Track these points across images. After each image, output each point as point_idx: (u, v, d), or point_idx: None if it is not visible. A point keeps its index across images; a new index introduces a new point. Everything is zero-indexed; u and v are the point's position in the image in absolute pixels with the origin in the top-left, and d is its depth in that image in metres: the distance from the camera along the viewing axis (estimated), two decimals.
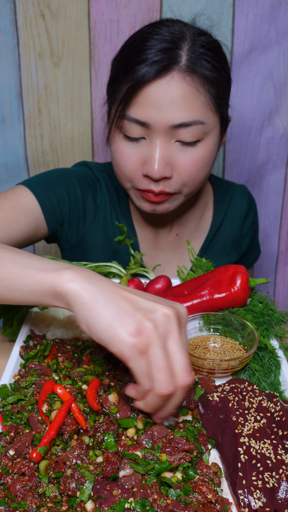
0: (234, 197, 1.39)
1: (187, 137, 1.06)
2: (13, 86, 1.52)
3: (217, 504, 0.67)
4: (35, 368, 0.90)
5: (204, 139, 1.09)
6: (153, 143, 1.07)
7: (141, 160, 1.10)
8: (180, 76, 1.04)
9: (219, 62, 1.09)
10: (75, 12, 1.45)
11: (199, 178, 1.13)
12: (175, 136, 1.07)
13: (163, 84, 1.04)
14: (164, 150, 1.07)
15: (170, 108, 1.04)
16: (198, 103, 1.06)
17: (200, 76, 1.05)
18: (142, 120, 1.05)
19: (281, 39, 1.50)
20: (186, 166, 1.09)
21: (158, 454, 0.73)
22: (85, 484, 0.69)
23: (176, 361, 0.71)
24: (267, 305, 1.06)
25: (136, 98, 1.05)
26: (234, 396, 0.82)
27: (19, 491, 0.69)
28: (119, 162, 1.13)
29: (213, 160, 1.15)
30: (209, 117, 1.08)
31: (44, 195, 1.18)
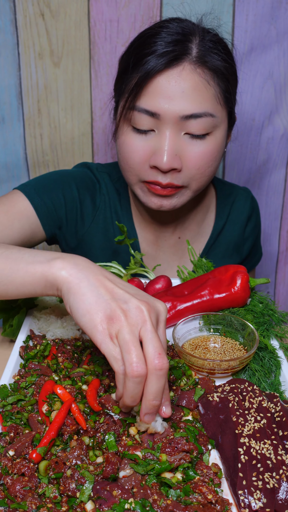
0: (237, 200, 1.38)
1: (197, 130, 1.06)
2: (12, 86, 1.52)
3: (217, 504, 0.67)
4: (35, 368, 0.90)
5: (213, 133, 1.09)
6: (162, 134, 1.07)
7: (149, 152, 1.09)
8: (191, 67, 1.05)
9: (226, 55, 1.10)
10: (75, 11, 1.45)
11: (207, 172, 1.12)
12: (184, 128, 1.07)
13: (174, 74, 1.04)
14: (173, 141, 1.07)
15: (181, 99, 1.04)
16: (208, 95, 1.06)
17: (211, 68, 1.07)
18: (152, 110, 1.05)
19: (281, 39, 1.50)
20: (195, 159, 1.08)
21: (158, 454, 0.73)
22: (85, 485, 0.69)
23: (147, 345, 0.72)
24: (267, 305, 1.06)
25: (146, 88, 1.06)
26: (234, 397, 0.81)
27: (19, 492, 0.69)
28: (126, 155, 1.12)
29: (220, 155, 1.15)
30: (218, 110, 1.09)
31: (39, 200, 1.18)
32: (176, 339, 0.94)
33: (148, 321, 0.74)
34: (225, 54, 1.10)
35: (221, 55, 1.08)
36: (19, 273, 0.84)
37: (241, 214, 1.38)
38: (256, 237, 1.45)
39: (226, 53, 1.11)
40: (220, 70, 1.08)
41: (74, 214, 1.24)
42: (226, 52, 1.11)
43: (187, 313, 1.04)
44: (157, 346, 0.72)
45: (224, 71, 1.08)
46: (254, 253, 1.47)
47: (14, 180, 1.63)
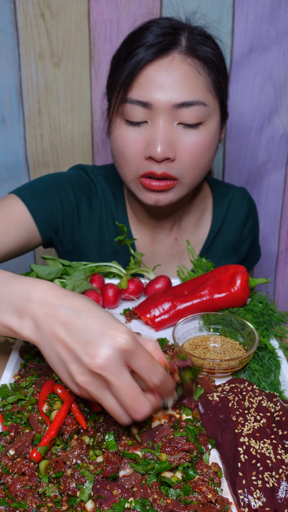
0: (234, 200, 1.38)
1: (189, 118, 1.07)
2: (13, 86, 1.52)
3: (217, 503, 0.68)
4: (35, 368, 0.90)
5: (206, 123, 1.10)
6: (155, 124, 1.07)
7: (143, 144, 1.09)
8: (181, 57, 1.07)
9: (215, 48, 1.12)
10: (75, 12, 1.46)
11: (201, 163, 1.13)
12: (177, 117, 1.07)
13: (164, 64, 1.06)
14: (167, 131, 1.07)
15: (172, 87, 1.05)
16: (199, 84, 1.08)
17: (201, 59, 1.08)
18: (144, 100, 1.06)
19: (281, 39, 1.50)
20: (189, 149, 1.09)
21: (158, 453, 0.73)
22: (85, 484, 0.70)
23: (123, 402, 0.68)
24: (267, 305, 1.06)
25: (137, 79, 1.07)
26: (234, 396, 0.82)
27: (19, 491, 0.69)
28: (121, 149, 1.12)
29: (214, 148, 1.15)
30: (210, 100, 1.10)
31: (36, 205, 1.17)
32: (176, 339, 0.95)
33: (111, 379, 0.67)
34: (215, 47, 1.12)
35: (211, 47, 1.11)
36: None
37: (238, 214, 1.37)
38: (254, 237, 1.45)
39: (215, 47, 1.13)
40: (211, 59, 1.10)
41: (70, 218, 1.24)
42: (215, 46, 1.13)
43: (187, 313, 1.04)
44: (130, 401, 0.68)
45: (215, 61, 1.10)
46: (253, 253, 1.47)
47: (14, 180, 1.64)
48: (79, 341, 0.68)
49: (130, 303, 1.14)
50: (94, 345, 0.67)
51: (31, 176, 1.65)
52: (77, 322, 0.69)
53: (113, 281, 1.17)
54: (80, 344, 0.67)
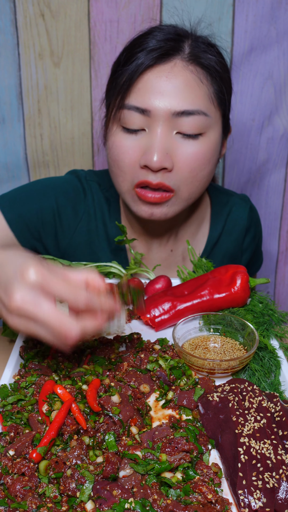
0: (234, 210, 1.32)
1: (189, 128, 1.03)
2: (13, 86, 1.52)
3: (217, 504, 0.67)
4: (35, 368, 0.90)
5: (206, 134, 1.05)
6: (153, 132, 1.03)
7: (139, 152, 1.05)
8: (183, 64, 1.03)
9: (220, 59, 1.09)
10: (75, 12, 1.45)
11: (199, 176, 1.08)
12: (176, 126, 1.03)
13: (165, 71, 1.02)
14: (165, 140, 1.03)
15: (173, 95, 1.01)
16: (201, 93, 1.04)
17: (204, 67, 1.05)
18: (142, 107, 1.02)
19: (281, 39, 1.50)
20: (187, 160, 1.05)
21: (158, 454, 0.73)
22: (85, 484, 0.69)
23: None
24: (267, 305, 1.06)
25: (136, 85, 1.03)
26: (234, 396, 0.82)
27: (19, 491, 0.69)
28: (116, 157, 1.08)
29: (214, 161, 1.11)
30: (212, 111, 1.06)
31: (12, 213, 1.15)
32: (176, 339, 0.95)
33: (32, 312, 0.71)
34: (219, 57, 1.09)
35: (215, 56, 1.07)
36: None
37: (238, 225, 1.32)
38: (256, 247, 1.40)
39: (219, 56, 1.09)
40: (214, 68, 1.06)
41: (52, 225, 1.20)
42: (219, 55, 1.10)
43: (187, 313, 1.04)
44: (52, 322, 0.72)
45: (218, 71, 1.07)
46: (254, 261, 1.43)
47: (14, 180, 1.64)
48: (1, 288, 0.75)
49: None
50: (10, 288, 0.72)
51: (31, 176, 1.65)
52: (0, 274, 0.77)
53: (113, 281, 1.17)
54: (2, 290, 0.74)
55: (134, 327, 1.06)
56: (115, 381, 0.85)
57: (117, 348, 0.96)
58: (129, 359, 0.93)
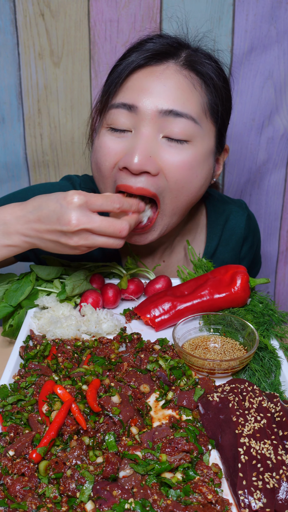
0: (231, 218, 1.29)
1: (176, 132, 0.98)
2: (12, 86, 1.52)
3: (217, 504, 0.67)
4: (35, 368, 0.90)
5: (193, 143, 1.01)
6: (138, 132, 0.99)
7: (121, 155, 1.01)
8: (176, 68, 1.00)
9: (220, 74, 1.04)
10: (75, 11, 1.45)
11: (185, 189, 1.03)
12: (163, 128, 0.99)
13: (156, 71, 0.99)
14: (149, 141, 0.99)
15: (162, 94, 0.98)
16: (193, 99, 0.99)
17: (199, 74, 1.01)
18: (129, 103, 0.99)
19: (281, 39, 1.50)
20: (173, 166, 1.00)
21: (158, 454, 0.73)
22: (85, 485, 0.69)
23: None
24: (267, 305, 1.06)
25: (125, 83, 1.00)
26: (234, 397, 0.81)
27: (19, 492, 0.69)
28: (97, 160, 1.04)
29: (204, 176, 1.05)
30: (203, 120, 1.01)
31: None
32: (176, 339, 0.94)
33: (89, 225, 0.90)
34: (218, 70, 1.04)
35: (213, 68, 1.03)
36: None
37: (235, 234, 1.29)
38: (254, 254, 1.38)
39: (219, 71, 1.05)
40: (210, 77, 1.01)
41: None
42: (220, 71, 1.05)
43: (187, 313, 1.04)
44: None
45: (214, 84, 1.02)
46: (252, 267, 1.42)
47: (14, 180, 1.63)
48: (53, 222, 0.91)
49: (130, 303, 1.14)
50: (63, 216, 0.89)
51: (31, 176, 1.65)
52: (43, 213, 0.92)
53: (113, 281, 1.17)
54: (55, 223, 0.91)
55: (134, 327, 1.06)
56: (115, 381, 0.85)
57: (117, 348, 0.96)
58: (129, 359, 0.92)
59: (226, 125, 1.10)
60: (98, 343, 0.97)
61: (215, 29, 1.48)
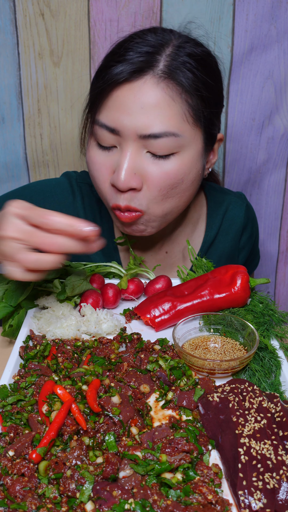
0: (230, 208, 1.31)
1: (159, 150, 0.99)
2: (12, 86, 1.52)
3: (218, 505, 0.67)
4: (34, 368, 0.90)
5: (179, 153, 1.01)
6: (123, 151, 1.01)
7: (111, 169, 1.04)
8: (154, 81, 0.98)
9: (203, 72, 1.02)
10: (75, 11, 1.45)
11: (170, 194, 1.04)
12: (146, 146, 1.00)
13: (135, 88, 0.98)
14: (134, 159, 1.00)
15: (140, 115, 0.97)
16: (171, 113, 0.99)
17: (178, 83, 0.99)
18: (111, 126, 1.00)
19: (281, 38, 1.49)
20: (156, 179, 1.01)
21: (158, 454, 0.73)
22: (85, 485, 0.69)
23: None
24: (267, 305, 1.06)
25: (107, 101, 1.00)
26: (235, 397, 0.81)
27: (18, 492, 0.69)
28: (93, 173, 1.08)
29: (191, 178, 1.06)
30: (185, 129, 1.01)
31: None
32: (176, 339, 0.94)
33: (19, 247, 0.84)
34: (201, 69, 1.02)
35: (194, 70, 1.00)
36: None
37: (234, 224, 1.31)
38: (253, 245, 1.40)
39: (203, 68, 1.02)
40: (189, 86, 1.00)
41: None
42: (202, 66, 1.02)
43: (187, 313, 1.04)
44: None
45: (194, 87, 1.00)
46: (252, 259, 1.43)
47: (14, 180, 1.63)
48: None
49: (130, 303, 1.14)
50: (2, 220, 0.86)
51: (31, 176, 1.65)
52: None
53: (113, 281, 1.16)
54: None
55: (134, 327, 1.06)
56: (115, 381, 0.85)
57: (117, 348, 0.96)
58: (129, 359, 0.92)
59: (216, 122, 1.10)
60: (98, 343, 0.97)
61: (215, 29, 1.48)
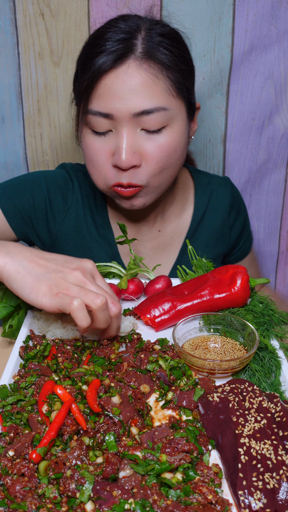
0: (216, 188, 1.39)
1: (151, 125, 1.08)
2: (12, 86, 1.52)
3: (218, 505, 0.67)
4: (34, 368, 0.90)
5: (170, 125, 1.10)
6: (119, 133, 1.09)
7: (110, 152, 1.12)
8: (136, 64, 1.06)
9: (177, 48, 1.11)
10: (75, 11, 1.45)
11: (167, 165, 1.13)
12: (139, 124, 1.08)
13: (120, 73, 1.06)
14: (131, 139, 1.09)
15: (131, 96, 1.06)
16: (158, 89, 1.07)
17: (157, 62, 1.07)
18: (105, 111, 1.08)
19: (281, 38, 1.49)
20: (153, 153, 1.10)
21: (158, 454, 0.73)
22: (85, 485, 0.69)
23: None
24: (267, 305, 1.06)
25: (96, 90, 1.08)
26: (235, 397, 0.81)
27: (18, 492, 0.69)
28: (90, 157, 1.15)
29: (182, 147, 1.16)
30: (172, 102, 1.10)
31: (6, 201, 1.23)
32: (176, 339, 0.94)
33: (86, 279, 0.89)
34: (174, 46, 1.11)
35: (169, 48, 1.09)
36: None
37: (222, 202, 1.38)
38: (243, 224, 1.45)
39: (176, 44, 1.12)
40: (168, 62, 1.09)
41: (43, 212, 1.28)
42: (176, 43, 1.12)
43: (187, 313, 1.04)
44: (108, 292, 0.91)
45: (173, 63, 1.09)
46: (244, 239, 1.48)
47: None
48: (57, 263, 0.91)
49: (130, 303, 1.14)
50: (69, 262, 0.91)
51: None
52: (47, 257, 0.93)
53: (113, 281, 1.16)
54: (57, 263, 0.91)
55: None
56: (115, 381, 0.85)
57: (117, 348, 0.96)
58: (129, 359, 0.92)
59: (192, 91, 1.18)
60: (98, 344, 0.97)
61: (215, 29, 1.48)
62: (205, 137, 1.63)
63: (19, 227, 1.27)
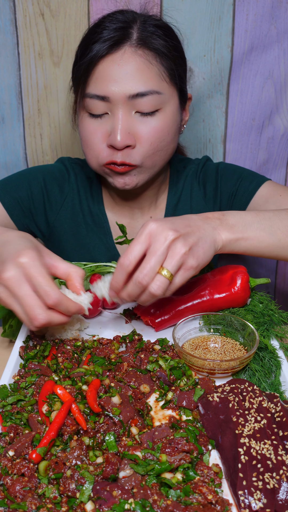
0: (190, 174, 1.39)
1: (145, 107, 1.14)
2: (12, 86, 1.52)
3: (217, 505, 0.67)
4: (34, 368, 0.90)
5: (162, 109, 1.16)
6: (115, 115, 1.14)
7: (106, 133, 1.17)
8: (132, 50, 1.13)
9: (170, 37, 1.17)
10: (75, 11, 1.45)
11: (160, 147, 1.18)
12: (134, 107, 1.14)
13: (117, 58, 1.12)
14: (125, 120, 1.14)
15: (126, 80, 1.12)
16: (151, 74, 1.13)
17: (151, 49, 1.14)
18: (102, 94, 1.13)
19: (281, 38, 1.49)
20: (147, 135, 1.15)
21: (158, 454, 0.73)
22: (85, 485, 0.69)
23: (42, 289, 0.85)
24: (267, 305, 1.06)
25: (93, 75, 1.14)
26: (235, 397, 0.81)
27: (18, 492, 0.69)
28: (87, 139, 1.19)
29: (174, 131, 1.20)
30: (164, 87, 1.15)
31: (6, 195, 1.29)
32: (176, 339, 0.94)
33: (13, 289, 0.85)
34: (167, 36, 1.18)
35: (162, 37, 1.16)
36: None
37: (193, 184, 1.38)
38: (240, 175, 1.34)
39: (168, 35, 1.18)
40: (162, 50, 1.15)
41: (41, 203, 1.33)
42: (168, 34, 1.18)
43: (187, 313, 1.03)
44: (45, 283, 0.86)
45: (166, 51, 1.16)
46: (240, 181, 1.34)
47: None
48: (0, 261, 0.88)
49: (130, 303, 1.14)
50: (5, 264, 0.87)
51: None
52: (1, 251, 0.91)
53: None
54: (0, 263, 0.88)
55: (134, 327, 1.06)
56: (115, 381, 0.85)
57: (117, 348, 0.96)
58: (129, 359, 0.92)
59: (184, 79, 1.24)
60: (98, 344, 0.97)
61: (215, 29, 1.48)
62: (205, 137, 1.63)
63: (20, 219, 1.31)
